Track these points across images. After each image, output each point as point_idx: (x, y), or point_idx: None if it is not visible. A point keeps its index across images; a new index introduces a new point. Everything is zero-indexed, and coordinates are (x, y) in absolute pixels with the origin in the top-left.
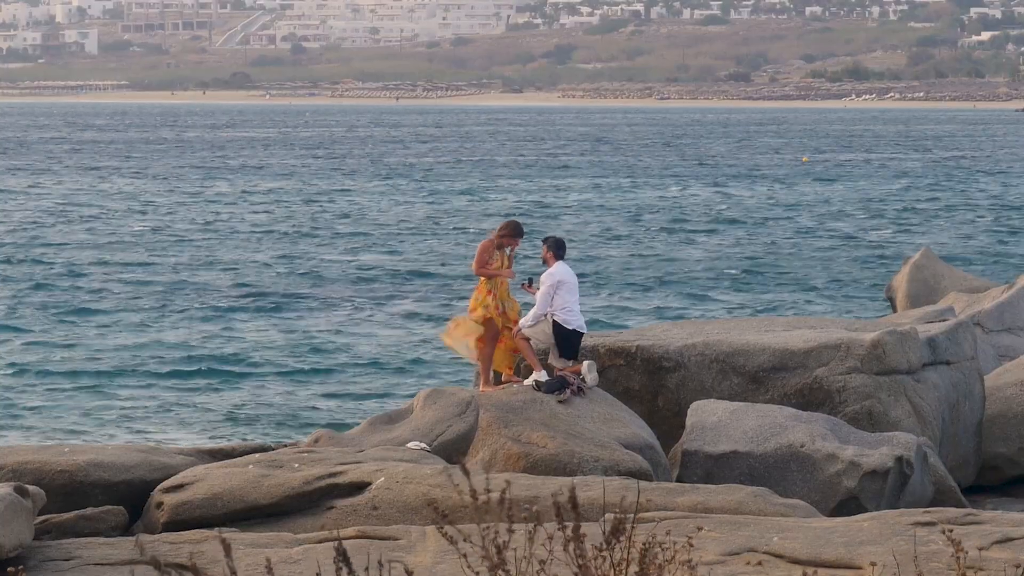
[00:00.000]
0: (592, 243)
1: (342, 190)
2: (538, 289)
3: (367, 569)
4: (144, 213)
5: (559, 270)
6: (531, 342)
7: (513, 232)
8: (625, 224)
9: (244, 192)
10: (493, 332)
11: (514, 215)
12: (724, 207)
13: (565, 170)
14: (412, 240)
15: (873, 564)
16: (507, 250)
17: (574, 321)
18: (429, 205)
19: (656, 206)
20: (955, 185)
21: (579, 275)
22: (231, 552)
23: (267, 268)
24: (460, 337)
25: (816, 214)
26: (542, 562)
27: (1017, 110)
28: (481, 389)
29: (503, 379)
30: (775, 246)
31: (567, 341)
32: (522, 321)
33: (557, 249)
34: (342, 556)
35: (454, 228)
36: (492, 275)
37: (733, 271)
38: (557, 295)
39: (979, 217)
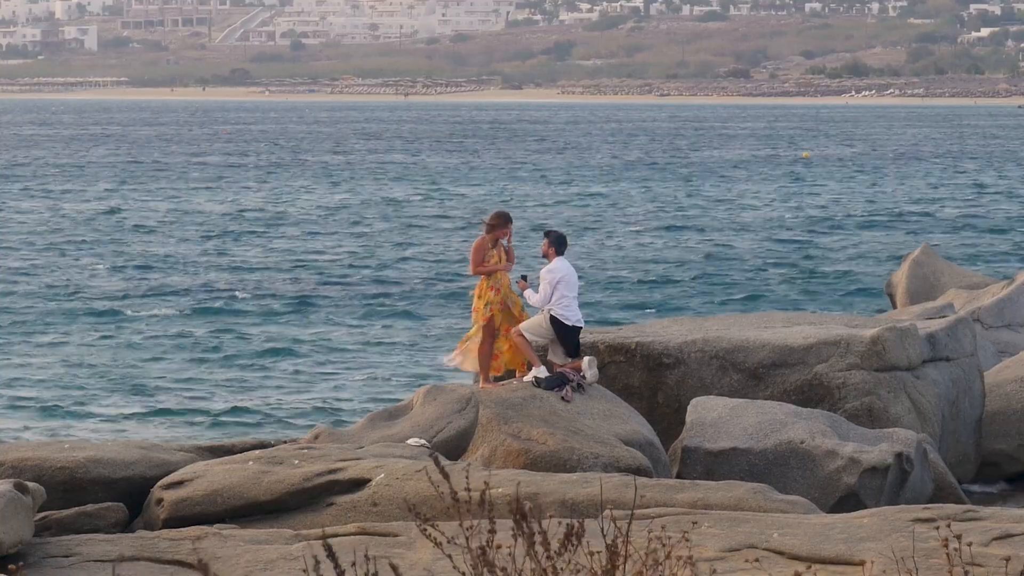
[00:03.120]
0: (592, 240)
1: (337, 189)
2: (529, 285)
3: (354, 565)
4: (143, 213)
5: (559, 266)
6: (529, 338)
7: (503, 222)
8: (624, 221)
9: (242, 191)
10: (492, 329)
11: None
12: (723, 204)
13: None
14: (411, 238)
15: (863, 562)
16: (503, 242)
17: (572, 317)
18: (426, 205)
19: (655, 203)
20: (955, 181)
21: (579, 271)
22: (209, 572)
23: (266, 266)
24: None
25: (816, 210)
26: (492, 571)
27: (1019, 107)
28: (481, 386)
29: (516, 377)
30: (774, 242)
31: (566, 337)
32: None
33: (558, 244)
34: (331, 556)
35: (453, 226)
36: (492, 271)
37: (732, 268)
38: (556, 291)
39: (979, 213)
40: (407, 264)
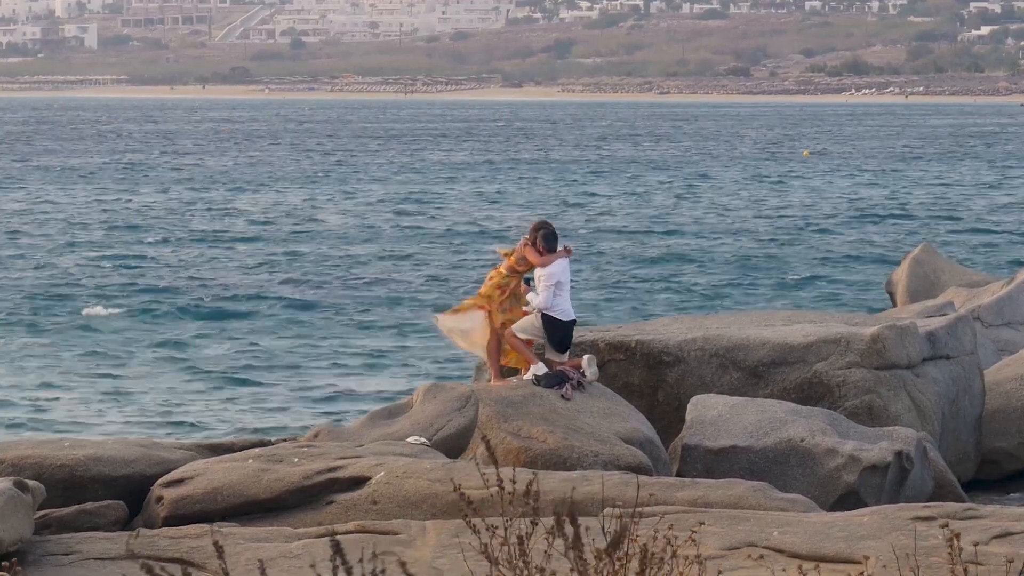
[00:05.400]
0: (591, 237)
1: (337, 188)
2: (531, 288)
3: (361, 561)
4: (143, 211)
5: (555, 270)
6: (523, 338)
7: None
8: (623, 218)
9: (241, 191)
10: (495, 327)
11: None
12: (723, 201)
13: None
14: (410, 237)
15: (867, 558)
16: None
17: (564, 313)
18: (424, 204)
19: (654, 200)
20: (954, 179)
21: (577, 270)
22: (224, 555)
23: (266, 265)
24: (469, 340)
25: (816, 208)
26: (526, 562)
27: (1021, 105)
28: (492, 382)
29: (518, 376)
30: (774, 240)
31: (563, 334)
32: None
33: (549, 241)
34: (337, 549)
35: (451, 226)
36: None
37: (733, 265)
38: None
39: (978, 211)
40: (407, 263)
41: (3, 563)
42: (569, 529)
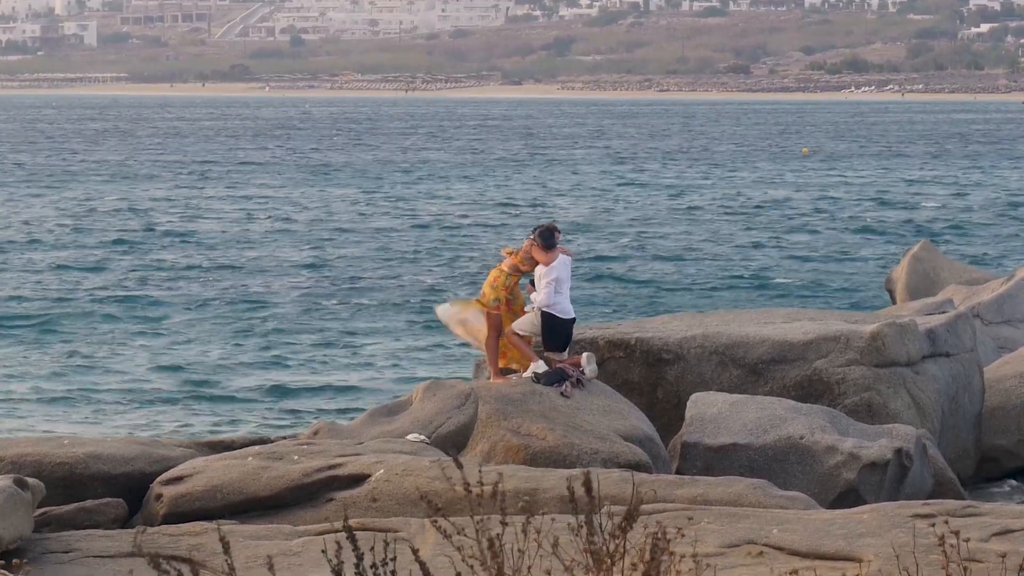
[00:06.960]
0: (591, 234)
1: (335, 185)
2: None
3: (372, 550)
4: (144, 209)
5: (555, 267)
6: (523, 335)
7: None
8: (623, 215)
9: (242, 188)
10: (497, 323)
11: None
12: (722, 198)
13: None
14: (409, 235)
15: (861, 560)
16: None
17: (565, 311)
18: (423, 204)
19: (654, 197)
20: (955, 176)
21: (576, 266)
22: (230, 549)
23: (266, 263)
24: (467, 328)
25: (815, 205)
26: (521, 552)
27: (1022, 102)
28: (492, 380)
29: (521, 372)
30: (774, 237)
31: (563, 332)
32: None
33: (545, 239)
34: (351, 540)
35: (452, 224)
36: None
37: (732, 262)
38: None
39: (978, 209)
40: (407, 260)
41: (14, 561)
42: (583, 497)
